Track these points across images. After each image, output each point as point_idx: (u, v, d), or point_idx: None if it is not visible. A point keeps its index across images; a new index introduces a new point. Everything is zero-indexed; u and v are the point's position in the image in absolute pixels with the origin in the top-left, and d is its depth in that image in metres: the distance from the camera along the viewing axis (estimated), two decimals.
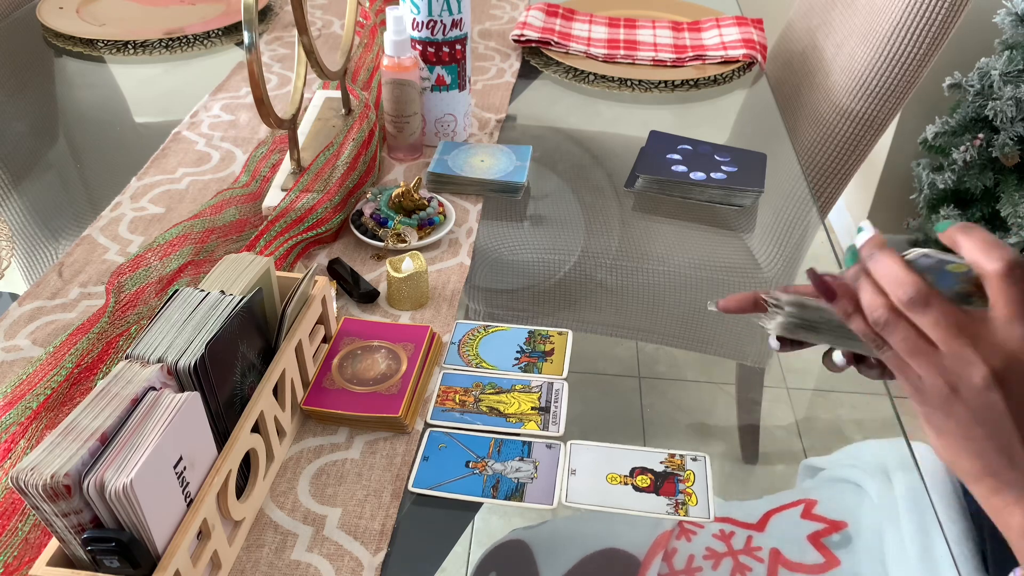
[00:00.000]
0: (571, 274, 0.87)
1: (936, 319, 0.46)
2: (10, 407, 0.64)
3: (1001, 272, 0.46)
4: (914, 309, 0.47)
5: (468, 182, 0.97)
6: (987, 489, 0.48)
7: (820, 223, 0.96)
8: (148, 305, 0.76)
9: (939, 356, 0.47)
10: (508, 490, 0.63)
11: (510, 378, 0.73)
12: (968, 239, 0.47)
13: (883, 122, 1.27)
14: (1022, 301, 0.45)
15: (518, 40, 1.31)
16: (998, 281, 0.46)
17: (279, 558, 0.58)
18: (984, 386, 0.46)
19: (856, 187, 2.33)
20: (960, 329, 0.46)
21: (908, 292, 0.47)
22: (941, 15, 1.16)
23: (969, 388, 0.46)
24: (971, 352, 0.46)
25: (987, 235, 0.47)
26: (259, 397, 0.59)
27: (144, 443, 0.48)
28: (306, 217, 0.86)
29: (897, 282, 0.47)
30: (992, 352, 0.46)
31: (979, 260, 0.46)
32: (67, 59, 1.28)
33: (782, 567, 0.61)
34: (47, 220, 0.93)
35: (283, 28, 1.38)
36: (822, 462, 0.72)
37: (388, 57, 0.96)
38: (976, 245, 0.47)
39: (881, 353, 0.50)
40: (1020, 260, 0.46)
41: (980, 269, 0.47)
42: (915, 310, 0.47)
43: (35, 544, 0.57)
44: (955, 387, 0.47)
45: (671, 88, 1.23)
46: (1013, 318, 0.46)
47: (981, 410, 0.46)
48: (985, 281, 0.47)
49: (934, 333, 0.47)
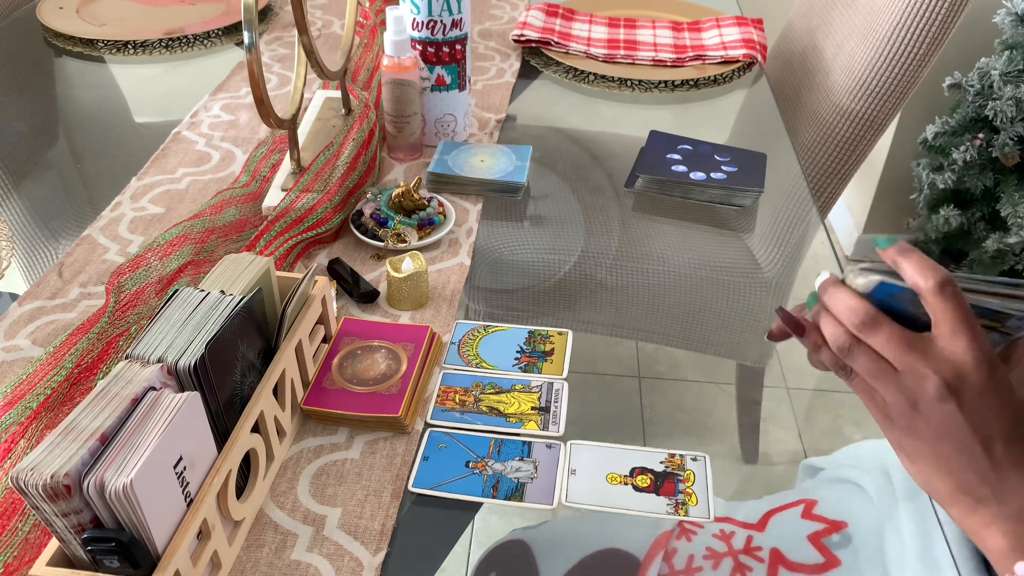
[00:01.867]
0: (571, 274, 0.87)
1: (887, 339, 0.50)
2: (10, 407, 0.64)
3: (934, 290, 0.48)
4: (866, 331, 0.50)
5: (468, 182, 0.97)
6: (964, 509, 0.50)
7: (820, 223, 0.96)
8: (148, 305, 0.76)
9: (897, 375, 0.50)
10: (508, 490, 0.63)
11: (510, 378, 0.73)
12: (906, 260, 0.50)
13: (883, 122, 1.27)
14: (958, 314, 0.48)
15: (518, 40, 1.31)
16: (934, 297, 0.48)
17: (279, 558, 0.58)
18: (939, 397, 0.48)
19: (856, 187, 2.33)
20: (909, 345, 0.49)
21: (859, 316, 0.50)
22: (941, 15, 1.16)
23: (927, 401, 0.49)
24: (922, 366, 0.49)
25: (922, 256, 0.49)
26: (259, 397, 0.59)
27: (144, 443, 0.48)
28: (306, 217, 0.86)
29: (848, 310, 0.51)
30: (942, 364, 0.48)
31: (916, 280, 0.49)
32: (67, 59, 1.28)
33: (782, 567, 0.61)
34: (47, 220, 0.93)
35: (283, 28, 1.38)
36: (822, 462, 0.72)
37: (388, 57, 0.96)
38: (913, 265, 0.49)
39: (850, 383, 0.53)
40: (951, 278, 0.48)
41: (918, 288, 0.49)
42: (867, 332, 0.50)
43: (35, 544, 0.57)
44: (915, 403, 0.49)
45: (671, 88, 1.23)
46: (954, 331, 0.48)
47: (941, 423, 0.49)
48: (923, 299, 0.49)
49: (887, 352, 0.50)
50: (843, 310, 0.51)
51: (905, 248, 0.50)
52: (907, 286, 0.50)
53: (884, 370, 0.50)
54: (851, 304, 0.51)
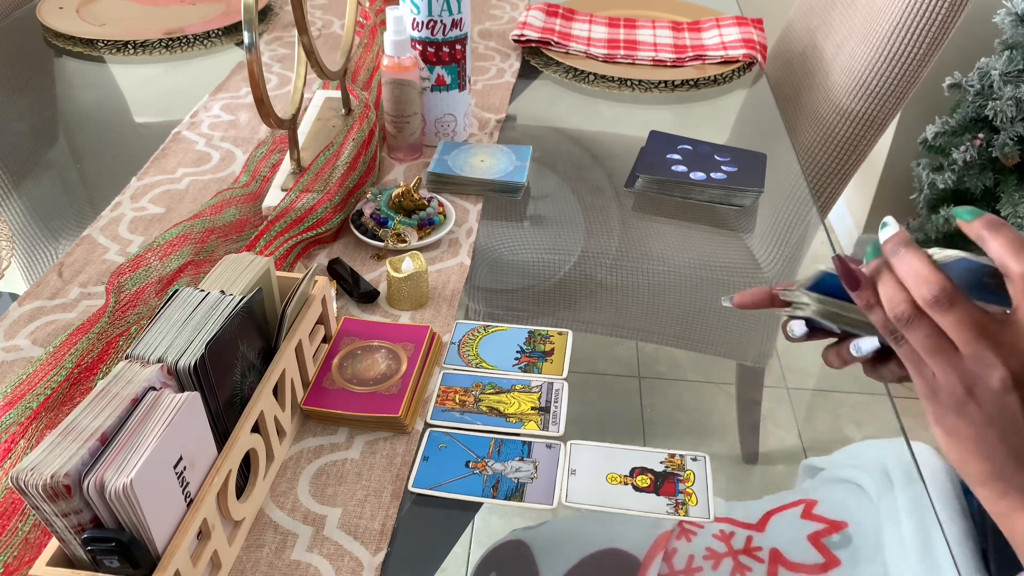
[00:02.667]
0: (571, 274, 0.87)
1: (958, 320, 0.46)
2: (10, 407, 0.64)
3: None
4: (937, 308, 0.46)
5: (468, 182, 0.97)
6: (995, 493, 0.48)
7: (820, 223, 0.96)
8: (148, 305, 0.76)
9: (958, 357, 0.47)
10: (508, 490, 0.63)
11: (510, 378, 0.73)
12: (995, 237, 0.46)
13: (883, 122, 1.27)
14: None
15: (518, 40, 1.31)
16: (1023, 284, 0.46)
17: (279, 558, 0.58)
18: (1002, 389, 0.46)
19: (856, 187, 2.33)
20: (982, 331, 0.46)
21: (933, 291, 0.46)
22: (941, 15, 1.16)
23: (985, 390, 0.46)
24: (991, 354, 0.46)
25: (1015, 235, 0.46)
26: (259, 397, 0.59)
27: (144, 443, 0.48)
28: (306, 217, 0.86)
29: (922, 280, 0.47)
30: (1012, 355, 0.46)
31: (1006, 260, 0.46)
32: (67, 59, 1.28)
33: (782, 567, 0.61)
34: (47, 220, 0.93)
35: (283, 28, 1.38)
36: (822, 462, 0.72)
37: (388, 57, 0.96)
38: (1004, 244, 0.46)
39: (897, 347, 0.50)
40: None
41: (1005, 270, 0.46)
42: (938, 309, 0.46)
43: (35, 544, 0.57)
44: (971, 389, 0.47)
45: (671, 88, 1.23)
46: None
47: (996, 412, 0.46)
48: (1009, 282, 0.46)
49: (955, 334, 0.46)
50: (914, 278, 0.47)
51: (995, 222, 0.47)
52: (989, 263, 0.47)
53: (944, 349, 0.47)
54: (925, 274, 0.47)
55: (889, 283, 0.49)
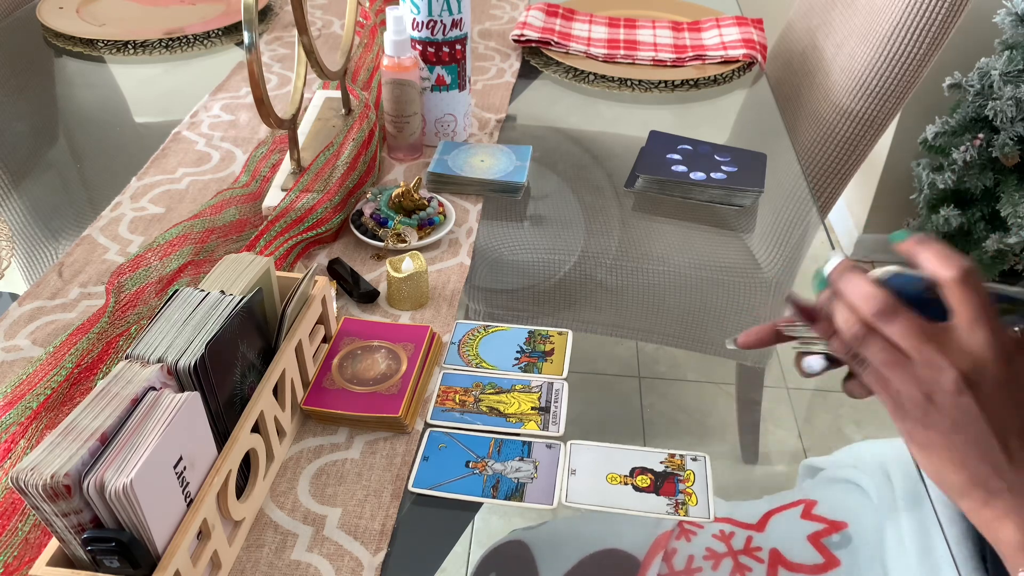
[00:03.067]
0: (571, 274, 0.87)
1: (904, 329, 0.48)
2: (10, 407, 0.64)
3: (957, 279, 0.47)
4: (882, 319, 0.49)
5: (468, 182, 0.97)
6: (976, 502, 0.49)
7: (820, 223, 0.96)
8: (148, 305, 0.76)
9: (913, 366, 0.49)
10: (508, 490, 0.63)
11: (510, 378, 0.73)
12: (925, 251, 0.49)
13: (883, 122, 1.27)
14: (979, 306, 0.47)
15: (518, 40, 1.31)
16: (956, 288, 0.48)
17: (279, 558, 0.58)
18: (955, 390, 0.47)
19: (856, 187, 2.33)
20: (927, 336, 0.48)
21: (875, 305, 0.49)
22: (941, 15, 1.16)
23: (943, 394, 0.48)
24: (940, 357, 0.47)
25: (942, 246, 0.48)
26: (259, 397, 0.59)
27: (144, 443, 0.48)
28: (306, 217, 0.86)
29: (864, 297, 0.49)
30: (960, 357, 0.47)
31: (936, 270, 0.48)
32: (67, 59, 1.28)
33: (782, 567, 0.61)
34: (47, 220, 0.93)
35: (283, 28, 1.38)
36: (822, 462, 0.72)
37: (388, 57, 0.96)
38: (933, 255, 0.48)
39: (862, 373, 0.52)
40: (974, 268, 0.47)
41: (938, 278, 0.48)
42: (883, 320, 0.49)
43: (35, 544, 0.57)
44: (930, 395, 0.48)
45: (671, 88, 1.23)
46: (974, 323, 0.47)
47: (957, 415, 0.48)
48: (944, 290, 0.48)
49: (903, 341, 0.48)
50: (858, 297, 0.49)
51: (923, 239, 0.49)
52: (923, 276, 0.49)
53: (899, 360, 0.49)
54: (867, 291, 0.49)
55: (840, 308, 0.51)
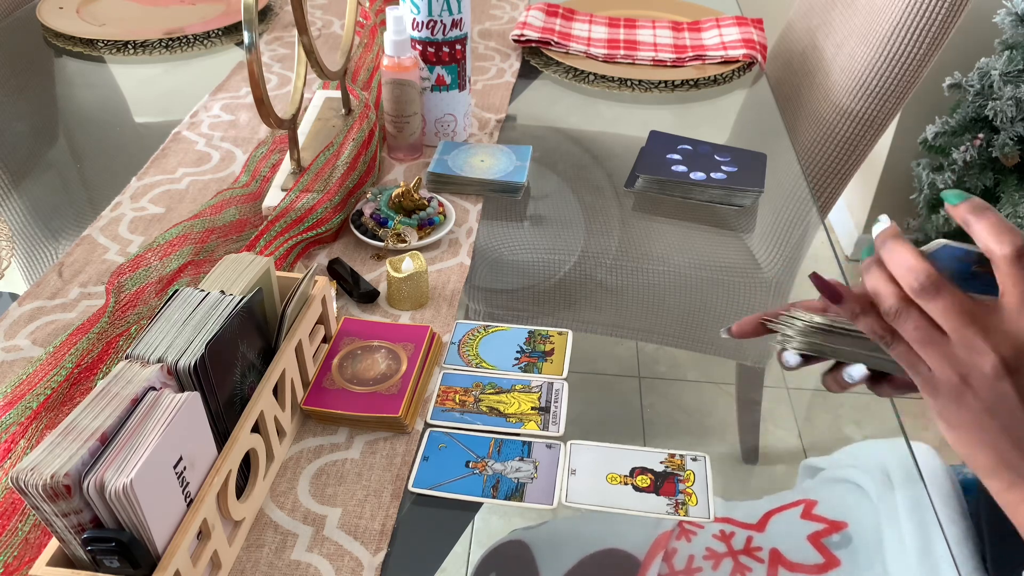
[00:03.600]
0: (571, 274, 0.87)
1: (946, 307, 0.46)
2: (10, 407, 0.64)
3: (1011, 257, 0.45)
4: (924, 296, 0.46)
5: (468, 182, 0.97)
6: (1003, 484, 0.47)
7: (820, 223, 0.96)
8: (148, 305, 0.76)
9: (950, 346, 0.46)
10: (508, 490, 0.63)
11: (510, 378, 0.73)
12: (979, 221, 0.46)
13: (883, 122, 1.27)
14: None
15: (518, 40, 1.31)
16: (1008, 267, 0.45)
17: (279, 558, 0.58)
18: (995, 375, 0.45)
19: (856, 187, 2.33)
20: (971, 317, 0.45)
21: (919, 279, 0.46)
22: (941, 15, 1.16)
23: (980, 377, 0.46)
24: (981, 341, 0.45)
25: (999, 218, 0.46)
26: (259, 397, 0.59)
27: (144, 443, 0.48)
28: (306, 217, 0.86)
29: (908, 269, 0.47)
30: (1002, 340, 0.45)
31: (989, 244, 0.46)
32: (67, 59, 1.28)
33: (782, 567, 0.61)
34: (47, 220, 0.93)
35: (283, 28, 1.38)
36: (822, 462, 0.72)
37: (388, 57, 0.96)
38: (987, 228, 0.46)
39: (891, 349, 0.49)
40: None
41: (990, 253, 0.46)
42: (925, 297, 0.46)
43: (35, 544, 0.57)
44: (966, 377, 0.46)
45: (671, 88, 1.23)
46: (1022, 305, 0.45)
47: (993, 400, 0.46)
48: (995, 266, 0.46)
49: (944, 321, 0.46)
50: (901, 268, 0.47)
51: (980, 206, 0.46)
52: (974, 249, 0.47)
53: (935, 339, 0.47)
54: (911, 263, 0.47)
55: (880, 278, 0.48)
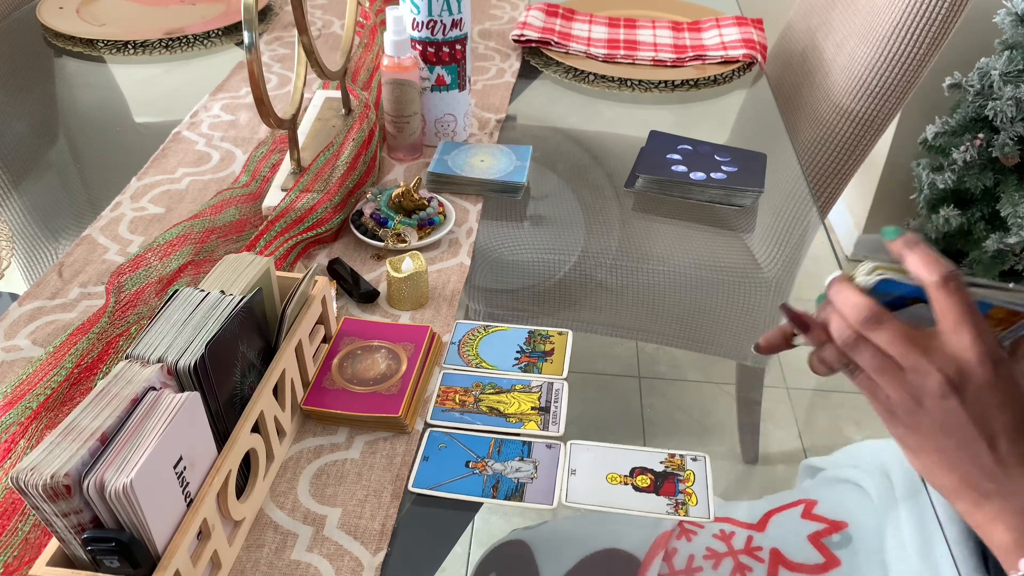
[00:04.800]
0: (571, 274, 0.87)
1: (891, 336, 0.49)
2: (10, 407, 0.64)
3: (939, 284, 0.48)
4: (869, 327, 0.50)
5: (468, 182, 0.97)
6: (969, 504, 0.49)
7: (820, 223, 0.96)
8: (148, 305, 0.76)
9: (901, 371, 0.50)
10: (508, 490, 0.63)
11: (510, 378, 0.73)
12: (911, 253, 0.50)
13: (883, 122, 1.27)
14: (962, 310, 0.48)
15: (518, 40, 1.31)
16: (938, 293, 0.49)
17: (279, 558, 0.58)
18: (941, 393, 0.48)
19: (856, 187, 2.33)
20: (912, 342, 0.49)
21: (862, 313, 0.50)
22: (941, 15, 1.16)
23: (929, 397, 0.49)
24: (925, 362, 0.49)
25: (928, 250, 0.49)
26: (259, 397, 0.59)
27: (144, 443, 0.48)
28: (306, 217, 0.86)
29: (852, 306, 0.51)
30: (944, 362, 0.48)
31: (921, 273, 0.49)
32: (67, 59, 1.28)
33: (782, 567, 0.61)
34: (47, 220, 0.93)
35: (283, 28, 1.38)
36: (822, 462, 0.72)
37: (388, 57, 0.96)
38: (918, 260, 0.50)
39: (854, 379, 0.53)
40: (956, 272, 0.48)
41: (922, 282, 0.49)
42: (870, 328, 0.50)
43: (35, 544, 0.57)
44: (918, 399, 0.49)
45: (671, 88, 1.23)
46: (957, 326, 0.48)
47: (944, 418, 0.49)
48: (928, 294, 0.49)
49: (891, 349, 0.50)
50: (847, 307, 0.51)
51: (911, 241, 0.50)
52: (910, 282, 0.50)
53: (887, 367, 0.50)
54: (855, 301, 0.51)
55: (833, 317, 0.53)
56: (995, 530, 0.48)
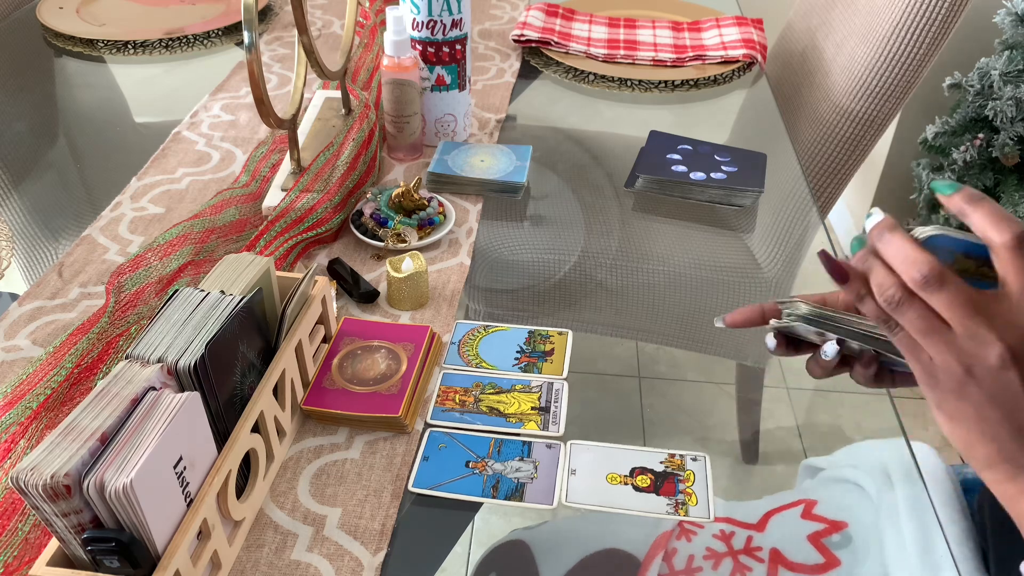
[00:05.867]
0: (571, 274, 0.87)
1: (950, 298, 0.46)
2: (10, 407, 0.64)
3: (1011, 245, 0.45)
4: (928, 288, 0.46)
5: (468, 182, 0.97)
6: (1001, 475, 0.47)
7: (820, 223, 0.96)
8: (148, 305, 0.76)
9: (952, 336, 0.46)
10: (508, 490, 0.63)
11: (510, 378, 0.73)
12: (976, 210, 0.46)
13: (883, 122, 1.27)
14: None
15: (518, 40, 1.31)
16: (1008, 254, 0.45)
17: (279, 558, 0.58)
18: (1000, 365, 0.45)
19: (856, 187, 2.33)
20: (975, 308, 0.45)
21: (922, 271, 0.46)
22: (941, 15, 1.16)
23: (984, 368, 0.45)
24: (986, 331, 0.45)
25: (996, 207, 0.46)
26: (259, 397, 0.59)
27: (144, 443, 0.48)
28: (306, 217, 0.86)
29: (910, 261, 0.46)
30: (1006, 329, 0.45)
31: (988, 233, 0.46)
32: (67, 59, 1.28)
33: (782, 567, 0.61)
34: (47, 220, 0.93)
35: (283, 28, 1.38)
36: (822, 462, 0.72)
37: (388, 57, 0.96)
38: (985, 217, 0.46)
39: (892, 336, 0.49)
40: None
41: (989, 242, 0.46)
42: (929, 289, 0.46)
43: (35, 544, 0.57)
44: (969, 368, 0.46)
45: (671, 88, 1.23)
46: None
47: (996, 391, 0.46)
48: (994, 255, 0.46)
49: (948, 313, 0.46)
50: (901, 259, 0.47)
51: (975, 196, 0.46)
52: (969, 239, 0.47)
53: (937, 329, 0.46)
54: (911, 254, 0.46)
55: (879, 269, 0.48)
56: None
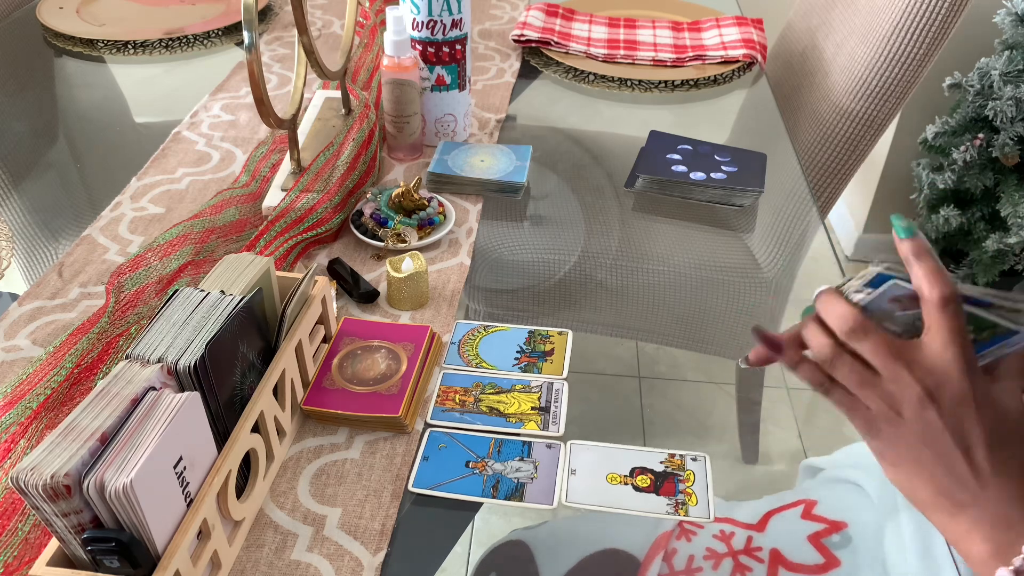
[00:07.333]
0: (571, 274, 0.87)
1: (874, 346, 0.50)
2: (10, 407, 0.64)
3: (938, 303, 0.49)
4: (854, 337, 0.50)
5: (468, 182, 0.97)
6: (945, 516, 0.49)
7: (820, 223, 0.96)
8: (148, 305, 0.76)
9: (881, 383, 0.50)
10: (508, 490, 0.63)
11: (510, 378, 0.73)
12: (918, 264, 0.50)
13: (883, 122, 1.27)
14: (953, 330, 0.48)
15: (518, 40, 1.31)
16: (934, 310, 0.49)
17: (279, 558, 0.58)
18: (919, 404, 0.49)
19: (856, 187, 2.33)
20: (895, 354, 0.49)
21: (849, 322, 0.50)
22: (941, 15, 1.16)
23: (909, 408, 0.49)
24: (906, 373, 0.49)
25: (935, 264, 0.49)
26: (259, 397, 0.59)
27: (144, 443, 0.48)
28: (306, 217, 0.86)
29: (838, 316, 0.51)
30: (925, 373, 0.49)
31: (922, 286, 0.49)
32: (67, 59, 1.28)
33: (782, 567, 0.62)
34: (47, 220, 0.93)
35: (283, 28, 1.38)
36: (822, 462, 0.72)
37: (388, 57, 0.96)
38: (923, 272, 0.49)
39: (830, 396, 0.53)
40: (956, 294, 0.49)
41: (921, 295, 0.50)
42: (855, 337, 0.50)
43: (35, 544, 0.57)
44: (898, 410, 0.49)
45: (671, 88, 1.23)
46: (945, 344, 0.48)
47: (922, 429, 0.49)
48: (924, 307, 0.49)
49: (873, 359, 0.50)
50: (833, 316, 0.51)
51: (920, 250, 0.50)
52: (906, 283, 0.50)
53: (867, 379, 0.50)
54: (842, 311, 0.51)
55: (813, 330, 0.53)
56: (972, 541, 0.48)
